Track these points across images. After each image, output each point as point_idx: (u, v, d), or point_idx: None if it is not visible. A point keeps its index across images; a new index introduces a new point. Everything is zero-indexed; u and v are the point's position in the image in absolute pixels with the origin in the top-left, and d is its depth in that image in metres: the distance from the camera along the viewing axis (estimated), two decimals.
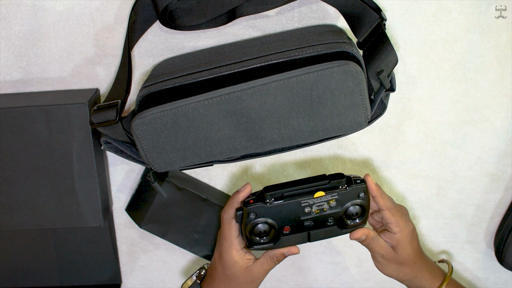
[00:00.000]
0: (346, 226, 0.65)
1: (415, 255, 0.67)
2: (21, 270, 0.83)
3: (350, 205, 0.64)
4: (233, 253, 0.65)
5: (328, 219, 0.64)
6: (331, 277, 0.85)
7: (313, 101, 0.58)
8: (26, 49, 0.72)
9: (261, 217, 0.63)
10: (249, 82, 0.58)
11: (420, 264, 0.68)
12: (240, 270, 0.65)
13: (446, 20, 0.69)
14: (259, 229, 0.63)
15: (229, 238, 0.65)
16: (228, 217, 0.64)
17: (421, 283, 0.69)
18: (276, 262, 0.65)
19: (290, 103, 0.58)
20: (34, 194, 0.72)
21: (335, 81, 0.57)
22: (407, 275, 0.68)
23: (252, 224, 0.63)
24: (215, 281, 0.67)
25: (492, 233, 0.80)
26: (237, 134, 0.60)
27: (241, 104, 0.58)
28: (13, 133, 0.69)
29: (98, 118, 0.63)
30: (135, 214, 0.78)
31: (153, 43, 0.71)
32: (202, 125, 0.59)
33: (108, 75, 0.73)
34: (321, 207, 0.63)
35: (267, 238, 0.64)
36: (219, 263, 0.66)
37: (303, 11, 0.69)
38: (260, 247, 0.64)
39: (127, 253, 0.84)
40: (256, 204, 0.62)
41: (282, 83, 0.57)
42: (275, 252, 0.65)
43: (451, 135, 0.75)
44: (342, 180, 0.63)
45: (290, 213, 0.63)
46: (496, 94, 0.73)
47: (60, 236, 0.81)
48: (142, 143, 0.61)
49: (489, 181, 0.78)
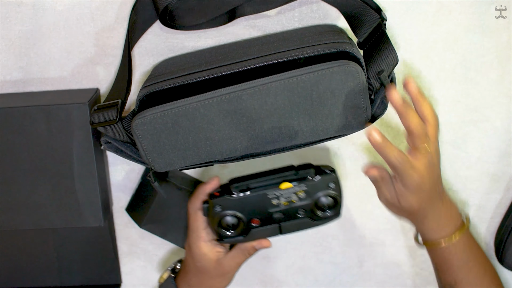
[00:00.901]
0: (318, 218, 0.63)
1: (421, 207, 0.62)
2: (21, 270, 0.83)
3: (320, 196, 0.62)
4: (201, 245, 0.64)
5: (298, 211, 0.62)
6: (331, 277, 0.85)
7: (313, 101, 0.58)
8: (26, 49, 0.72)
9: (227, 210, 0.61)
10: (250, 82, 0.58)
11: (425, 214, 0.63)
12: (210, 262, 0.64)
13: (447, 20, 0.70)
14: (227, 222, 0.62)
15: (196, 230, 0.64)
16: (194, 209, 0.63)
17: (423, 232, 0.66)
18: (247, 255, 0.64)
19: (291, 103, 0.58)
20: (34, 194, 0.72)
21: (336, 81, 0.57)
22: (409, 220, 0.65)
23: (218, 217, 0.61)
24: (188, 274, 0.66)
25: (492, 233, 0.80)
26: (238, 134, 0.60)
27: (242, 104, 0.58)
28: (13, 133, 0.69)
29: (98, 118, 0.63)
30: (135, 214, 0.78)
31: (154, 43, 0.71)
32: (202, 125, 0.59)
33: (108, 75, 0.73)
34: (289, 199, 0.62)
35: (236, 231, 0.62)
36: (189, 255, 0.65)
37: (304, 11, 0.69)
38: (230, 240, 0.63)
39: (127, 253, 0.84)
40: (222, 197, 0.61)
41: (282, 83, 0.57)
42: (246, 245, 0.63)
43: (451, 135, 0.76)
44: (310, 171, 0.61)
45: (257, 206, 0.61)
46: (496, 94, 0.73)
47: (60, 236, 0.81)
48: (142, 142, 0.61)
49: (489, 181, 0.78)
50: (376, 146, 0.58)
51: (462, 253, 0.65)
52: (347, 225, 0.81)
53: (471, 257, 0.66)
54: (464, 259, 0.65)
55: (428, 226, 0.64)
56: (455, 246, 0.64)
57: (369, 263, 0.84)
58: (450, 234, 0.64)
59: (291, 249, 0.83)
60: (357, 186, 0.78)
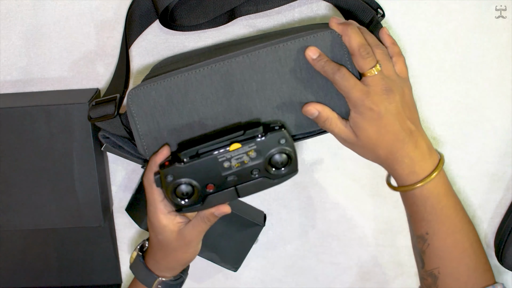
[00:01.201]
0: (274, 176, 0.61)
1: (388, 150, 0.58)
2: (21, 270, 0.83)
3: (274, 154, 0.60)
4: (160, 217, 0.62)
5: (252, 171, 0.60)
6: (331, 277, 0.85)
7: (302, 70, 0.59)
8: (26, 49, 0.72)
9: (179, 178, 0.60)
10: (238, 51, 0.59)
11: (394, 158, 0.59)
12: (171, 233, 0.63)
13: (446, 20, 0.70)
14: (181, 191, 0.60)
15: (153, 202, 0.62)
16: (149, 181, 0.62)
17: (395, 176, 0.60)
18: (208, 223, 0.63)
19: (280, 76, 0.59)
20: (34, 194, 0.72)
21: (321, 48, 0.58)
22: (377, 160, 0.60)
23: (172, 186, 0.60)
24: (153, 249, 0.66)
25: (493, 233, 0.80)
26: (230, 115, 0.61)
27: (232, 74, 0.59)
28: (13, 133, 0.69)
29: (96, 112, 0.63)
30: (135, 214, 0.78)
31: (153, 43, 0.71)
32: (195, 99, 0.60)
33: (109, 75, 0.73)
34: (240, 160, 0.60)
35: (192, 200, 0.61)
36: (150, 229, 0.65)
37: (303, 11, 0.70)
38: (187, 210, 0.61)
39: (127, 253, 0.84)
40: (172, 166, 0.59)
41: (269, 49, 0.58)
42: (205, 213, 0.62)
43: (451, 135, 0.75)
44: (258, 129, 0.59)
45: (209, 170, 0.60)
46: (496, 94, 0.73)
47: (60, 236, 0.81)
48: (137, 122, 0.61)
49: (489, 181, 0.78)
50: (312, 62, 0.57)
51: (436, 200, 0.60)
52: (347, 225, 0.81)
53: (445, 207, 0.60)
54: (438, 208, 0.60)
55: (399, 171, 0.59)
56: (429, 191, 0.59)
57: (369, 263, 0.84)
58: (424, 179, 0.59)
59: (291, 249, 0.83)
60: (357, 186, 0.79)
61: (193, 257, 0.66)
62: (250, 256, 0.81)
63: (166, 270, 0.66)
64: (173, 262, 0.65)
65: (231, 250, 0.79)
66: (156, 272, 0.66)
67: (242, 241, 0.79)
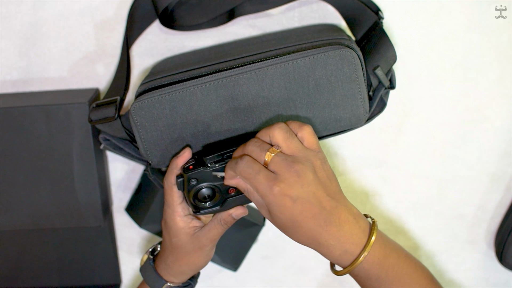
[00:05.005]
0: None
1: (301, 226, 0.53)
2: (21, 270, 0.83)
3: None
4: (177, 219, 0.62)
5: None
6: (331, 277, 0.85)
7: (310, 89, 0.58)
8: (26, 48, 0.72)
9: (203, 182, 0.60)
10: (246, 66, 0.58)
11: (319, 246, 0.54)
12: (186, 236, 0.63)
13: (446, 20, 0.70)
14: (203, 194, 0.60)
15: (172, 204, 0.62)
16: (169, 184, 0.62)
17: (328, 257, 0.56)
18: (224, 226, 0.63)
19: (288, 91, 0.59)
20: (34, 194, 0.72)
21: (331, 66, 0.58)
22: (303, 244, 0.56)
23: (195, 190, 0.60)
24: (165, 252, 0.65)
25: (493, 233, 0.80)
26: (235, 125, 0.60)
27: (238, 90, 0.58)
28: (13, 133, 0.69)
29: (97, 115, 0.63)
30: (135, 214, 0.78)
31: (153, 43, 0.71)
32: (200, 111, 0.59)
33: (108, 75, 0.73)
34: None
35: (212, 202, 0.61)
36: (165, 231, 0.64)
37: (304, 11, 0.70)
38: (206, 211, 0.61)
39: (127, 253, 0.84)
40: (196, 170, 0.59)
41: (278, 67, 0.58)
42: (222, 215, 0.62)
43: (451, 135, 0.75)
44: None
45: None
46: (496, 94, 0.73)
47: (60, 236, 0.81)
48: (140, 131, 0.60)
49: (489, 181, 0.78)
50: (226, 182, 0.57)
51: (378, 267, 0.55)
52: None
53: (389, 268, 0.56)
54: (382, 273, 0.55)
55: (329, 256, 0.55)
56: (369, 263, 0.55)
57: None
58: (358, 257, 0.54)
59: (291, 249, 0.83)
60: (357, 186, 0.79)
61: (205, 263, 0.66)
62: (250, 256, 0.82)
63: (176, 274, 0.65)
64: (184, 266, 0.65)
65: (231, 250, 0.79)
66: (166, 276, 0.66)
67: (242, 241, 0.79)
